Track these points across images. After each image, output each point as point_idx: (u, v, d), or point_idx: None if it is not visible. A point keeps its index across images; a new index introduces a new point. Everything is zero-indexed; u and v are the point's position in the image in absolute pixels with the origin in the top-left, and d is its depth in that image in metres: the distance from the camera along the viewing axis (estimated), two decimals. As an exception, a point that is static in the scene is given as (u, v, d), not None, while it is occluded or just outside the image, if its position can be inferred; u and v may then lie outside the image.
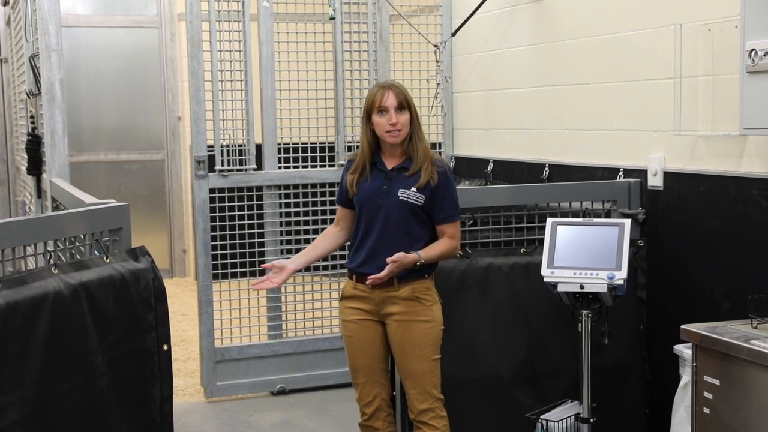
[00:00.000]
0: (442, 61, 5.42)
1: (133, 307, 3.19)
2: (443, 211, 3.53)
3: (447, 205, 3.53)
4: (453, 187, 3.58)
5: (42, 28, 5.10)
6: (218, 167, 5.26)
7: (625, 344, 4.06)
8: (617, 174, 4.30)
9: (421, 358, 3.53)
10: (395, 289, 3.51)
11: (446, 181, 3.53)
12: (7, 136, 9.07)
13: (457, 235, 3.59)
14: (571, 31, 4.67)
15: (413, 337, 3.53)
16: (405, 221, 3.51)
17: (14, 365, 2.66)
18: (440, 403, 3.58)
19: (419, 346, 3.53)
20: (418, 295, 3.52)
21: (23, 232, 2.99)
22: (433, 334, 3.55)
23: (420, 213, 3.52)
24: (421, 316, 3.53)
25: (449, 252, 3.57)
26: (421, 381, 3.55)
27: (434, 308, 3.56)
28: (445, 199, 3.52)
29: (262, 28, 5.36)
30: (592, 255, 3.66)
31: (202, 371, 5.36)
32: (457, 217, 3.58)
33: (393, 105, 3.50)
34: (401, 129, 3.50)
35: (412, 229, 3.52)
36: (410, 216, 3.51)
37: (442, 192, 3.51)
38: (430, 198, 3.50)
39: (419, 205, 3.50)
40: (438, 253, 3.52)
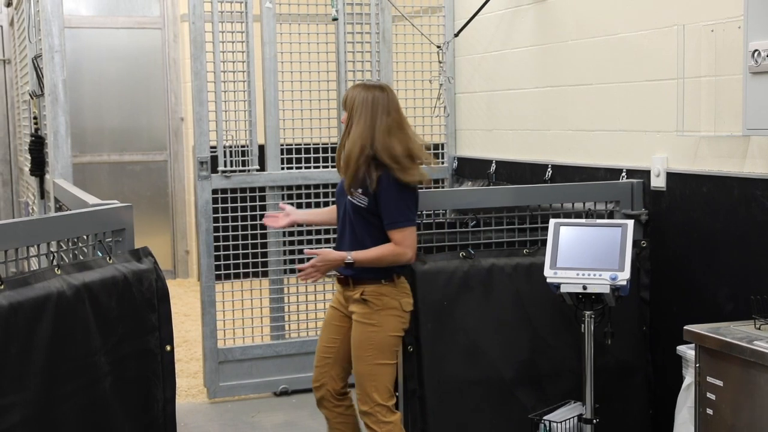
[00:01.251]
0: (444, 61, 5.42)
1: (136, 307, 3.19)
2: (385, 216, 3.50)
3: (385, 212, 3.49)
4: (390, 193, 3.47)
5: (45, 29, 5.11)
6: (221, 168, 5.26)
7: (628, 345, 4.06)
8: (620, 175, 4.30)
9: (362, 360, 3.57)
10: (351, 290, 3.60)
11: (386, 189, 3.46)
12: (10, 137, 9.08)
13: (405, 242, 3.50)
14: (574, 31, 4.66)
15: (357, 339, 3.59)
16: (353, 222, 3.56)
17: (17, 366, 2.66)
18: (383, 409, 3.56)
19: (361, 348, 3.58)
20: (365, 298, 3.55)
21: (26, 233, 2.99)
22: (377, 339, 3.55)
23: (365, 215, 3.53)
24: (366, 319, 3.56)
25: (389, 257, 3.50)
26: (362, 383, 3.58)
27: (382, 314, 3.55)
28: (384, 206, 3.48)
29: (265, 28, 5.37)
30: (595, 256, 3.65)
31: (205, 372, 5.36)
32: (400, 225, 3.49)
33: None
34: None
35: (358, 230, 3.56)
36: (356, 217, 3.55)
37: (383, 199, 3.48)
38: (374, 202, 3.50)
39: (363, 208, 3.52)
40: (372, 256, 3.49)
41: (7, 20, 8.77)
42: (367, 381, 3.57)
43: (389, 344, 3.59)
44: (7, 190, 9.20)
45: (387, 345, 3.58)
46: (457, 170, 5.86)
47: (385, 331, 3.56)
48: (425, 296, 3.88)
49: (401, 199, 3.49)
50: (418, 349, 3.88)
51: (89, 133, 8.78)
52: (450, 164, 5.88)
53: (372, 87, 3.58)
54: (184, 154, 9.02)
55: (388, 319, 3.57)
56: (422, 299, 3.87)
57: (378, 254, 3.50)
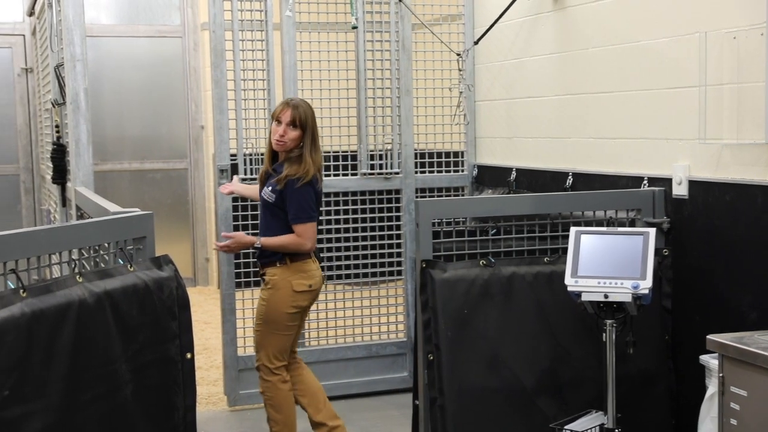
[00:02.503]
0: (464, 69, 5.41)
1: (156, 315, 3.20)
2: (290, 212, 4.14)
3: (291, 209, 4.13)
4: (299, 195, 4.11)
5: (67, 38, 5.14)
6: (241, 176, 5.27)
7: (650, 354, 4.03)
8: (641, 183, 4.27)
9: (256, 327, 4.26)
10: (261, 271, 4.29)
11: (291, 189, 4.11)
12: (32, 145, 9.15)
13: (306, 234, 4.14)
14: (594, 39, 4.65)
15: (256, 311, 4.30)
16: (265, 214, 4.24)
17: (39, 373, 2.67)
18: (267, 370, 4.23)
19: (257, 319, 4.26)
20: (265, 278, 4.24)
21: (48, 241, 3.00)
22: (267, 314, 4.20)
23: (274, 209, 4.19)
24: (263, 295, 4.24)
25: (290, 245, 4.15)
26: (256, 345, 4.28)
27: (272, 292, 4.19)
28: (291, 203, 4.12)
29: (285, 37, 5.38)
30: (617, 264, 3.63)
31: (225, 380, 5.37)
32: (300, 220, 4.13)
33: (286, 120, 4.16)
34: (285, 142, 4.17)
35: (268, 221, 4.22)
36: (266, 210, 4.23)
37: (288, 197, 4.12)
38: (281, 199, 4.14)
39: (271, 203, 4.18)
40: (277, 243, 4.16)
41: (29, 30, 8.84)
42: (259, 345, 4.26)
43: (276, 319, 4.20)
44: (29, 198, 9.26)
45: (274, 319, 4.21)
46: (477, 178, 5.85)
47: (273, 307, 4.20)
48: (445, 304, 3.87)
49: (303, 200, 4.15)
50: (438, 357, 3.87)
51: (110, 141, 8.83)
52: (470, 172, 5.87)
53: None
54: (205, 162, 9.05)
55: (278, 297, 4.18)
56: (442, 307, 3.86)
57: (281, 242, 4.16)
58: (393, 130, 5.61)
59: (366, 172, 5.55)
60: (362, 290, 5.68)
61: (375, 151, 5.58)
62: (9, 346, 2.57)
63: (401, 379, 5.58)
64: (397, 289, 5.74)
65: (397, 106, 5.60)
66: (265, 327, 4.23)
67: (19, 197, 9.27)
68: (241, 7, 5.24)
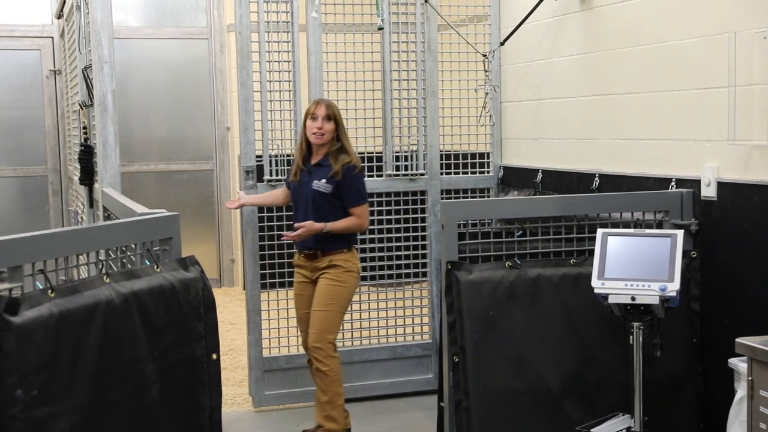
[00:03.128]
0: (490, 70, 5.40)
1: (183, 316, 3.22)
2: (348, 197, 4.56)
3: (351, 194, 4.56)
4: (355, 180, 4.57)
5: (95, 40, 5.18)
6: (267, 177, 5.29)
7: (677, 357, 4.00)
8: (669, 184, 4.25)
9: (326, 308, 4.54)
10: (319, 260, 4.60)
11: (348, 176, 4.54)
12: (60, 146, 9.23)
13: (363, 215, 4.61)
14: (622, 39, 4.62)
15: (324, 293, 4.55)
16: (319, 204, 4.56)
17: (66, 373, 2.70)
18: (332, 346, 4.57)
19: (327, 299, 4.54)
20: (334, 263, 4.56)
21: (75, 242, 3.03)
22: (342, 294, 4.57)
23: (330, 198, 4.55)
24: (334, 278, 4.56)
25: (353, 227, 4.60)
26: (321, 325, 4.54)
27: (347, 275, 4.58)
28: (349, 189, 4.55)
29: (311, 38, 5.39)
30: (644, 266, 3.61)
31: (250, 381, 5.39)
32: (360, 203, 4.58)
33: (322, 115, 4.56)
34: (324, 134, 4.56)
35: (324, 210, 4.56)
36: (321, 200, 4.56)
37: (345, 185, 4.54)
38: (337, 188, 4.54)
39: (327, 193, 4.55)
40: (342, 225, 4.56)
41: (57, 32, 8.92)
42: (326, 324, 4.54)
43: (347, 298, 4.63)
44: (57, 199, 9.35)
45: (346, 299, 4.63)
46: (503, 179, 5.83)
47: (347, 288, 4.60)
48: (471, 306, 3.86)
49: (360, 185, 4.63)
50: (463, 359, 3.86)
51: (137, 143, 8.89)
52: (496, 173, 5.86)
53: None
54: (230, 163, 9.09)
55: (350, 279, 4.61)
56: (468, 309, 3.86)
57: (346, 224, 4.56)
58: (418, 131, 5.61)
59: (391, 174, 5.55)
60: (387, 291, 5.67)
61: (400, 153, 5.57)
62: (37, 346, 2.60)
63: (426, 380, 5.58)
64: (422, 291, 5.73)
65: (423, 107, 5.59)
66: (337, 306, 4.57)
67: (47, 198, 9.35)
68: (267, 9, 5.26)
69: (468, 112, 5.78)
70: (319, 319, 4.56)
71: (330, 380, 4.56)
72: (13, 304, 2.57)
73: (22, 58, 9.12)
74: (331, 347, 4.57)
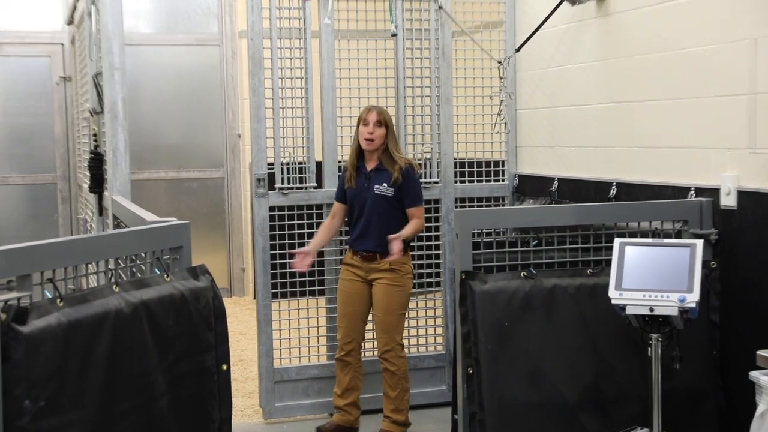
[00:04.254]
0: (505, 77, 5.40)
1: (193, 326, 3.21)
2: (408, 198, 4.82)
3: (410, 195, 4.83)
4: (414, 182, 4.86)
5: (105, 47, 5.20)
6: (278, 185, 5.30)
7: (697, 369, 3.98)
8: (688, 193, 4.22)
9: (392, 312, 4.85)
10: (378, 263, 4.83)
11: (408, 178, 4.82)
12: (69, 153, 9.26)
13: (422, 215, 4.89)
14: (640, 46, 4.60)
15: (387, 297, 4.84)
16: (381, 208, 4.83)
17: (75, 384, 2.70)
18: (401, 347, 4.91)
19: (391, 303, 4.84)
20: (394, 267, 4.81)
21: (85, 250, 3.03)
22: (403, 296, 4.88)
23: (392, 201, 4.82)
24: (395, 282, 4.84)
25: (419, 229, 4.90)
26: (389, 329, 4.86)
27: (405, 278, 4.87)
28: (408, 191, 4.82)
29: (324, 45, 5.40)
30: (663, 276, 3.59)
31: (260, 392, 5.38)
32: (419, 203, 4.87)
33: (373, 120, 4.81)
34: (374, 139, 4.81)
35: (386, 213, 4.82)
36: (385, 204, 4.82)
37: (405, 186, 4.81)
38: (398, 191, 4.80)
39: (390, 196, 4.82)
40: (411, 232, 4.83)
41: (68, 38, 8.96)
42: (394, 327, 4.87)
43: (407, 300, 4.96)
44: (66, 207, 9.38)
45: (407, 300, 4.96)
46: (518, 188, 5.82)
47: (407, 290, 4.90)
48: (485, 316, 3.85)
49: (417, 185, 4.92)
50: (478, 371, 3.85)
51: (147, 150, 8.91)
52: (511, 182, 5.85)
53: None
54: (241, 171, 9.10)
55: (408, 282, 4.91)
56: (482, 320, 3.84)
57: (414, 228, 4.82)
58: (432, 138, 5.60)
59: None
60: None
61: (414, 160, 5.57)
62: (46, 355, 2.59)
63: (440, 392, 5.56)
64: (435, 301, 5.72)
65: (437, 115, 5.59)
66: (400, 309, 4.89)
67: (56, 206, 9.39)
68: (279, 15, 5.27)
69: (483, 120, 5.77)
70: (386, 324, 4.88)
71: (399, 378, 4.90)
72: (21, 313, 2.57)
73: (32, 65, 9.17)
74: (399, 348, 4.90)
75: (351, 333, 4.97)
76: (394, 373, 4.88)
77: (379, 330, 4.90)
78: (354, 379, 5.01)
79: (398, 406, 4.92)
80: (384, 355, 4.89)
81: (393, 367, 4.87)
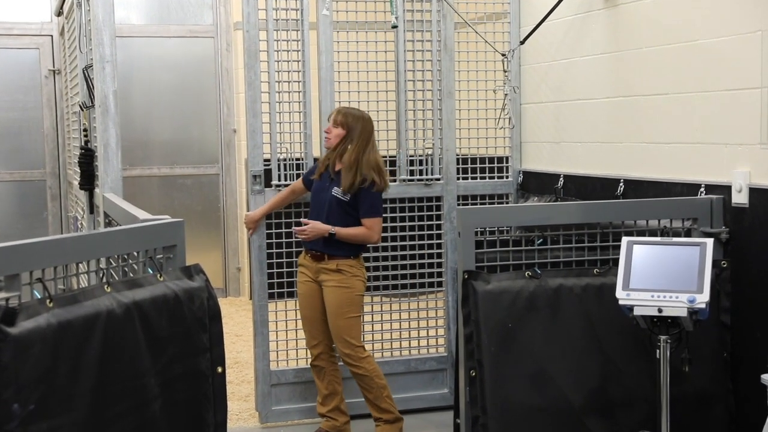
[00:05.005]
0: (509, 70, 5.40)
1: (187, 327, 3.22)
2: (362, 209, 4.80)
3: (364, 206, 4.80)
4: (370, 196, 4.80)
5: (96, 39, 5.21)
6: (275, 182, 5.30)
7: (707, 373, 3.99)
8: (698, 190, 4.23)
9: (341, 315, 4.83)
10: (325, 263, 4.86)
11: (364, 192, 4.78)
12: (59, 149, 9.27)
13: (374, 227, 4.83)
14: (649, 38, 4.61)
15: (335, 300, 4.84)
16: (334, 211, 4.81)
17: (65, 387, 2.70)
18: (360, 349, 4.87)
19: (340, 306, 4.83)
20: (340, 268, 4.83)
21: (75, 249, 3.04)
22: (351, 298, 4.84)
23: (346, 207, 4.80)
24: (342, 284, 4.83)
25: (361, 237, 4.82)
26: (340, 333, 4.84)
27: (353, 279, 4.84)
28: (364, 201, 4.79)
29: (322, 37, 5.40)
30: (671, 276, 3.60)
31: (256, 395, 5.39)
32: (373, 215, 4.82)
33: (332, 119, 4.87)
34: (330, 138, 4.87)
35: (340, 217, 4.80)
36: (338, 208, 4.80)
37: (362, 197, 4.79)
38: (354, 199, 4.79)
39: (345, 202, 4.79)
40: (350, 233, 4.80)
41: (57, 30, 8.97)
42: (346, 331, 4.84)
43: (359, 301, 4.90)
44: (56, 204, 9.39)
45: (358, 302, 4.90)
46: (522, 185, 5.82)
47: (356, 291, 4.86)
48: (488, 318, 3.85)
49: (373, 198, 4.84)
50: (481, 373, 3.86)
51: (139, 146, 8.92)
52: (515, 178, 5.85)
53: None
54: (237, 168, 9.11)
55: (357, 283, 4.86)
56: (485, 321, 3.85)
57: (354, 233, 4.81)
58: (434, 134, 5.61)
59: (405, 179, 5.55)
60: (401, 302, 5.67)
61: (415, 157, 5.58)
62: (35, 358, 2.60)
63: (441, 396, 5.57)
64: (437, 302, 5.73)
65: (439, 109, 5.60)
66: (351, 311, 4.85)
67: (46, 204, 9.40)
68: (276, 6, 5.28)
69: (486, 114, 5.78)
70: (338, 329, 4.84)
71: (369, 378, 4.87)
72: (10, 314, 2.58)
73: (20, 58, 9.18)
74: (360, 350, 4.86)
75: (315, 335, 4.98)
76: (362, 375, 4.87)
77: (333, 336, 4.90)
78: (331, 384, 5.02)
79: (381, 405, 4.90)
80: (345, 359, 4.89)
81: (359, 370, 4.86)
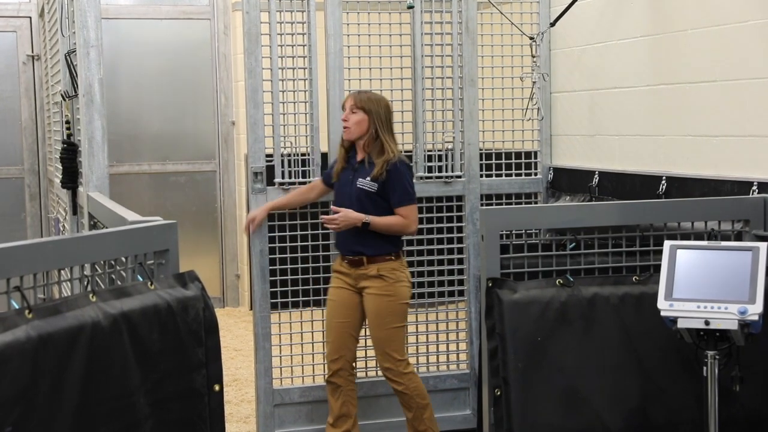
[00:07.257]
0: (538, 55, 5.41)
1: (180, 341, 3.23)
2: (395, 196, 4.80)
3: (396, 192, 4.79)
4: (402, 177, 4.80)
5: (80, 21, 5.22)
6: (278, 180, 5.31)
7: (760, 392, 3.97)
8: (750, 189, 4.22)
9: (382, 326, 4.87)
10: (365, 268, 4.86)
11: (394, 173, 4.78)
12: (38, 144, 9.32)
13: (411, 216, 4.85)
14: (695, 18, 4.60)
15: (376, 309, 4.86)
16: (362, 205, 4.81)
17: (46, 407, 2.72)
18: (402, 363, 4.91)
19: (380, 316, 4.86)
20: (382, 273, 4.83)
21: (57, 254, 3.05)
22: (394, 307, 4.86)
23: (375, 198, 4.80)
24: (384, 291, 4.84)
25: (397, 226, 4.83)
26: (382, 345, 4.89)
27: (397, 285, 4.85)
28: (395, 187, 4.79)
29: (330, 19, 5.41)
30: (720, 285, 3.59)
31: (257, 416, 5.40)
32: (408, 203, 4.82)
33: (348, 105, 4.86)
34: (350, 126, 4.83)
35: (369, 211, 4.79)
36: (367, 201, 4.81)
37: (391, 182, 4.78)
38: (382, 187, 4.78)
39: (373, 192, 4.80)
40: (386, 222, 4.81)
41: (36, 11, 9.02)
42: (387, 343, 4.88)
43: (403, 310, 4.91)
44: (35, 204, 9.44)
45: (401, 311, 4.90)
46: (553, 183, 5.82)
47: (399, 300, 4.87)
48: (515, 330, 3.85)
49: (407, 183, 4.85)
50: (506, 392, 3.85)
51: (128, 140, 8.96)
52: (544, 176, 5.85)
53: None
54: (236, 164, 9.14)
55: (401, 290, 4.88)
56: (511, 334, 3.85)
57: (389, 222, 4.82)
58: (455, 126, 5.61)
59: (423, 176, 5.56)
60: (418, 313, 5.67)
61: (434, 151, 5.58)
62: (12, 374, 2.61)
63: (463, 417, 5.57)
64: (458, 313, 5.73)
65: (460, 99, 5.60)
66: (394, 322, 4.88)
67: (24, 204, 9.45)
68: (278, -16, 5.29)
69: (512, 105, 5.78)
70: (379, 340, 4.92)
71: (409, 396, 4.93)
72: (-15, 326, 2.59)
73: (-5, 42, 9.24)
74: (402, 364, 4.91)
75: (339, 348, 4.97)
76: (402, 392, 4.93)
77: (375, 347, 4.99)
78: (346, 405, 5.00)
79: (418, 428, 4.96)
80: (386, 374, 4.95)
81: (399, 387, 4.92)
